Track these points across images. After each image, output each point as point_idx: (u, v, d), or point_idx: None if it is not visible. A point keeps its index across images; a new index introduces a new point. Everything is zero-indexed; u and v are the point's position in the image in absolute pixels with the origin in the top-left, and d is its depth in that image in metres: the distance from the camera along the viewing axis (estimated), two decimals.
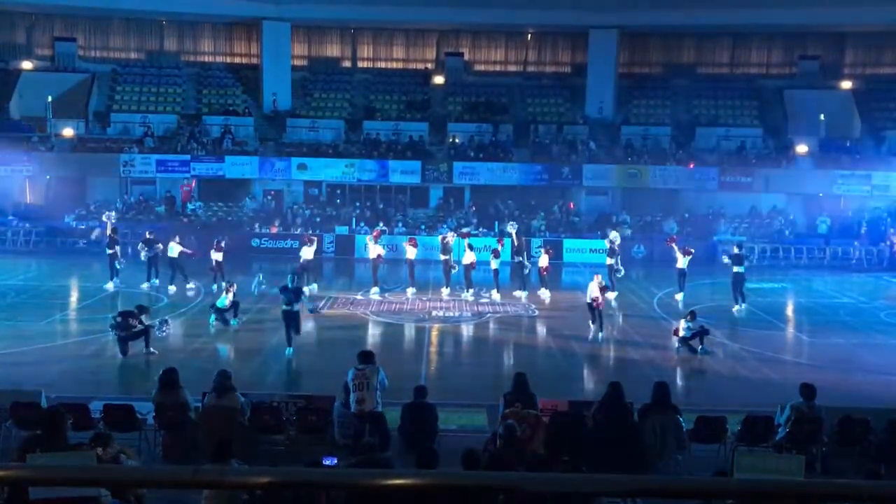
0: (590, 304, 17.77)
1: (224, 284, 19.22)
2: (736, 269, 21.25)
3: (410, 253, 22.85)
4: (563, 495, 2.37)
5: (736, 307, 21.12)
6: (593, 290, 17.59)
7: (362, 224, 30.74)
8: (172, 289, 21.79)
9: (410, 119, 35.14)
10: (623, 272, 23.13)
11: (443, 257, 22.86)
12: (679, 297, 22.10)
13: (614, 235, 23.51)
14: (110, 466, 6.08)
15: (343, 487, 2.62)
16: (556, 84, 37.59)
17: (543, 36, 38.11)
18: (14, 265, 25.86)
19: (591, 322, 18.00)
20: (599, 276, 18.10)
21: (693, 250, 22.81)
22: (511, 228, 23.78)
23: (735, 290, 21.35)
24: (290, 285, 16.29)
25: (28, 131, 32.30)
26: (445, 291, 22.39)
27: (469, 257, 22.06)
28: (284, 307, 16.18)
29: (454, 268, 22.51)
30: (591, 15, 34.46)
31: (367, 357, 11.34)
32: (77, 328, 18.70)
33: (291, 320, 16.09)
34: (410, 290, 22.43)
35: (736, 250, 21.79)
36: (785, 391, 12.70)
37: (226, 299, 18.26)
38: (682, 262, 22.08)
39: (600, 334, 17.66)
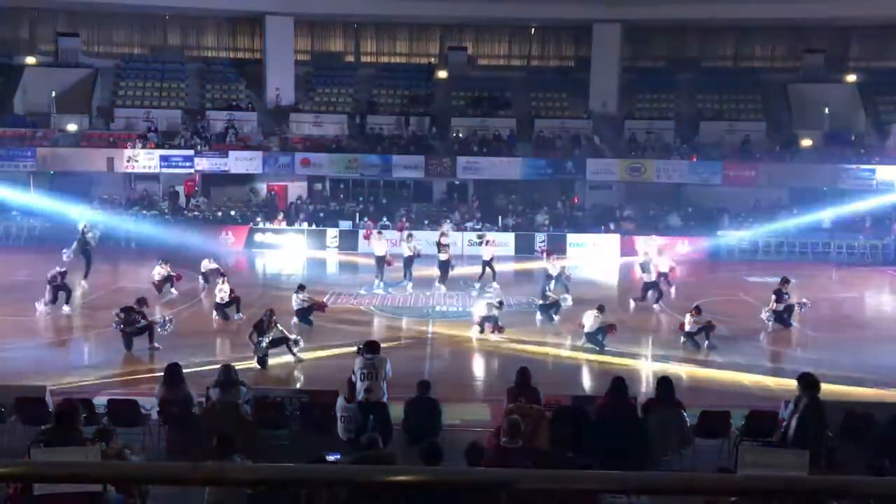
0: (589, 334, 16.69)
1: (219, 280, 19.23)
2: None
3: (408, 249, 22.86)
4: (567, 492, 2.35)
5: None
6: (587, 320, 16.73)
7: (365, 219, 30.70)
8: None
9: (413, 113, 35.07)
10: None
11: (440, 255, 22.83)
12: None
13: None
14: (107, 463, 6.07)
15: (344, 485, 2.60)
16: (559, 78, 37.44)
17: (547, 30, 37.98)
18: (19, 260, 25.85)
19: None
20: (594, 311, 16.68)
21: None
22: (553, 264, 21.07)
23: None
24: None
25: (32, 126, 32.31)
26: (443, 288, 22.33)
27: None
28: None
29: (453, 266, 22.51)
30: (595, 9, 34.31)
31: (373, 347, 11.38)
32: (81, 323, 18.70)
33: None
34: (409, 286, 22.44)
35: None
36: (789, 386, 12.65)
37: (220, 292, 18.28)
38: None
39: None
